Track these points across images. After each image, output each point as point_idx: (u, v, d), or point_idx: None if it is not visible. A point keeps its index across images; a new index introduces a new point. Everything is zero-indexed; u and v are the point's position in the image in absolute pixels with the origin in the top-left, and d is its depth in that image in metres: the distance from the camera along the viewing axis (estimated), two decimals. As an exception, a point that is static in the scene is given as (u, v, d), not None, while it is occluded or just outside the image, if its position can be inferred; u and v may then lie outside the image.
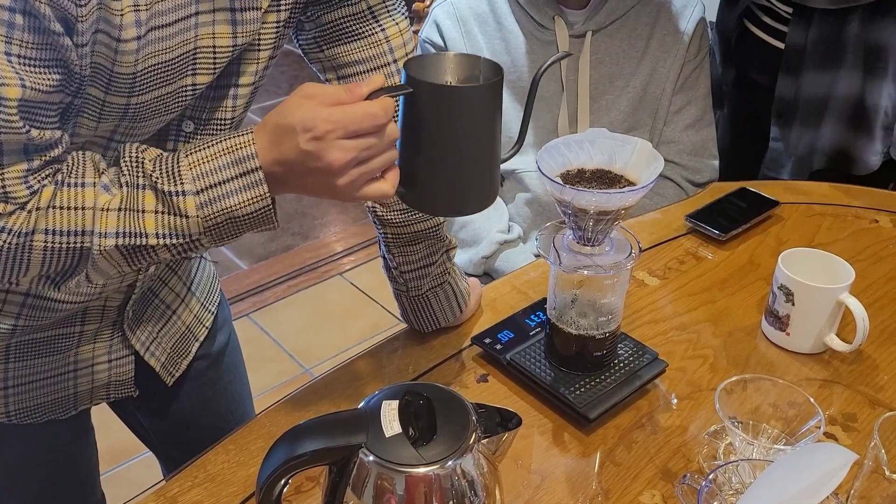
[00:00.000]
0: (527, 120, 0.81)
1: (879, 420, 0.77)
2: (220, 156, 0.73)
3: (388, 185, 0.76)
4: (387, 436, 0.69)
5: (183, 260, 1.03)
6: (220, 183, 0.73)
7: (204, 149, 0.74)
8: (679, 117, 1.45)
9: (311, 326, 2.51)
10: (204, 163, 0.73)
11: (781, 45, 1.45)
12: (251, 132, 0.74)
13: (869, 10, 1.35)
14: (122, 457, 1.99)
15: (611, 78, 1.42)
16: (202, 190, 0.73)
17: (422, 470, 0.67)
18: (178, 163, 0.73)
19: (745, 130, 1.61)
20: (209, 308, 1.10)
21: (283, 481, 0.69)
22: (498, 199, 1.46)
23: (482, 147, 0.78)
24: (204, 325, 1.09)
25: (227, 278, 2.66)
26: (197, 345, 1.09)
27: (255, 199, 0.74)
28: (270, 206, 0.75)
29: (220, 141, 0.74)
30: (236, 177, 0.73)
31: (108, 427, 1.16)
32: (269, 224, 0.77)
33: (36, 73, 0.66)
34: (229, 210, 0.73)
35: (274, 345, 2.42)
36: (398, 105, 0.76)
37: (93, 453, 1.10)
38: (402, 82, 0.75)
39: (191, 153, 0.74)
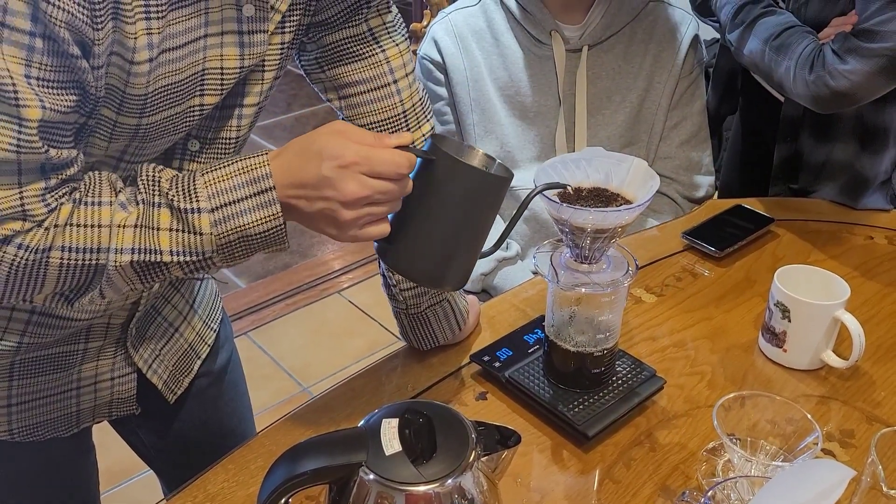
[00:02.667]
0: (512, 225, 0.85)
1: (877, 436, 0.78)
2: (235, 175, 0.75)
3: (387, 225, 0.79)
4: (387, 454, 0.69)
5: (191, 279, 1.04)
6: (234, 202, 0.75)
7: (219, 168, 0.76)
8: (675, 133, 1.46)
9: (310, 345, 2.51)
10: (219, 182, 0.75)
11: (781, 98, 1.45)
12: (266, 154, 0.76)
13: None
14: (121, 476, 1.98)
15: (608, 93, 1.43)
16: (217, 208, 0.74)
17: (422, 488, 0.68)
18: (193, 181, 0.75)
19: (751, 161, 1.62)
20: (211, 326, 1.11)
21: (283, 501, 0.69)
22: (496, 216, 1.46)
23: (476, 232, 0.83)
24: (206, 343, 1.10)
25: (225, 297, 2.65)
26: (199, 362, 1.09)
27: (267, 218, 0.76)
28: (282, 226, 0.77)
29: (236, 161, 0.76)
30: (250, 196, 0.75)
31: (107, 447, 1.16)
32: (281, 244, 0.78)
33: (54, 94, 0.67)
34: (242, 228, 0.75)
35: (272, 363, 2.42)
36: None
37: (93, 472, 1.10)
38: (426, 149, 0.79)
39: (206, 172, 0.75)
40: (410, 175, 0.78)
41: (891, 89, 1.24)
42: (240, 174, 0.75)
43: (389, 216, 0.80)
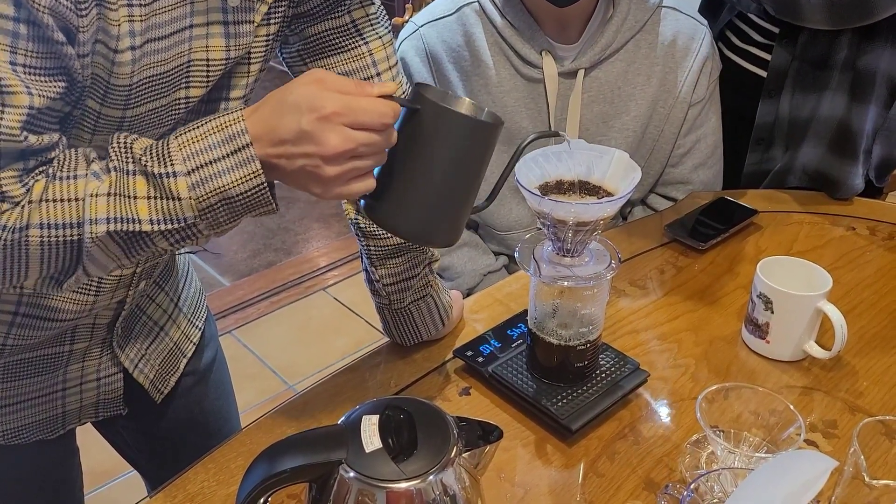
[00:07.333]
0: (504, 177, 0.81)
1: (859, 426, 0.78)
2: (210, 134, 0.71)
3: (373, 180, 0.75)
4: (367, 451, 0.68)
5: (177, 254, 1.02)
6: (210, 162, 0.71)
7: (193, 129, 0.72)
8: (688, 158, 1.37)
9: (295, 342, 2.50)
10: (194, 142, 0.71)
11: (758, 71, 1.42)
12: (241, 110, 0.73)
13: (858, 34, 1.32)
14: (103, 478, 1.97)
15: (604, 118, 1.30)
16: (193, 170, 0.71)
17: (403, 485, 0.67)
18: (167, 145, 0.72)
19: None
20: (196, 324, 1.10)
21: (262, 500, 0.69)
22: (479, 240, 1.40)
23: (467, 184, 0.78)
24: (191, 341, 1.09)
25: (209, 295, 2.64)
26: (185, 361, 1.08)
27: (247, 177, 0.71)
28: (264, 185, 0.72)
29: (210, 120, 0.73)
30: (227, 155, 0.71)
31: (88, 449, 1.15)
32: (267, 206, 0.74)
33: (41, 81, 0.66)
34: (222, 189, 0.71)
35: (257, 362, 2.41)
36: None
37: (78, 475, 1.09)
38: (411, 99, 0.75)
39: (180, 134, 0.72)
40: (395, 126, 0.75)
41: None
42: (214, 133, 0.71)
43: (375, 171, 0.76)
